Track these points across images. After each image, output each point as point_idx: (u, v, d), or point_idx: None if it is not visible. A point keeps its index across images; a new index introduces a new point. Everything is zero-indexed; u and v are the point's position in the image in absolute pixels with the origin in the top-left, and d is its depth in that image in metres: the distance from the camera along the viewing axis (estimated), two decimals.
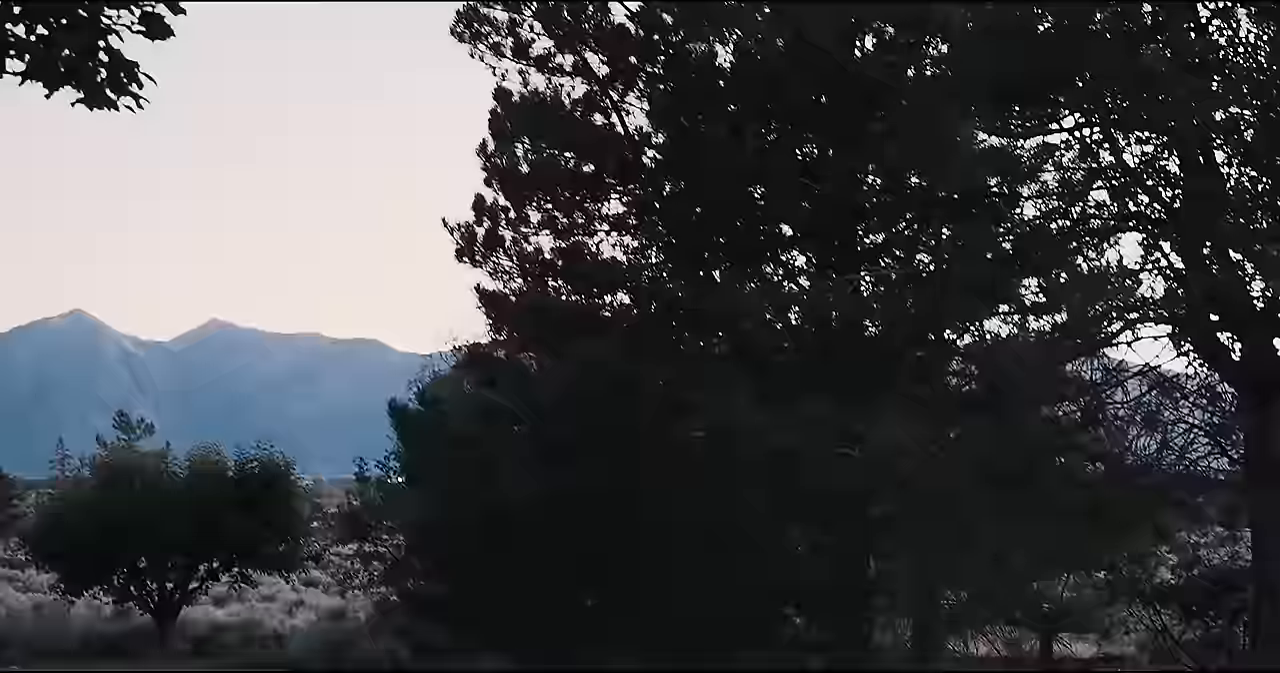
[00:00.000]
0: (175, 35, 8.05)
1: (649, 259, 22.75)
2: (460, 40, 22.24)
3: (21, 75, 7.87)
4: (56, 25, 7.93)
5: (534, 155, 22.62)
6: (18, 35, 7.95)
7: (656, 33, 21.79)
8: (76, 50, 7.85)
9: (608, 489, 20.57)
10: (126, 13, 7.96)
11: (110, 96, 7.90)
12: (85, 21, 7.90)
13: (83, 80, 7.83)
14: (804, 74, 20.37)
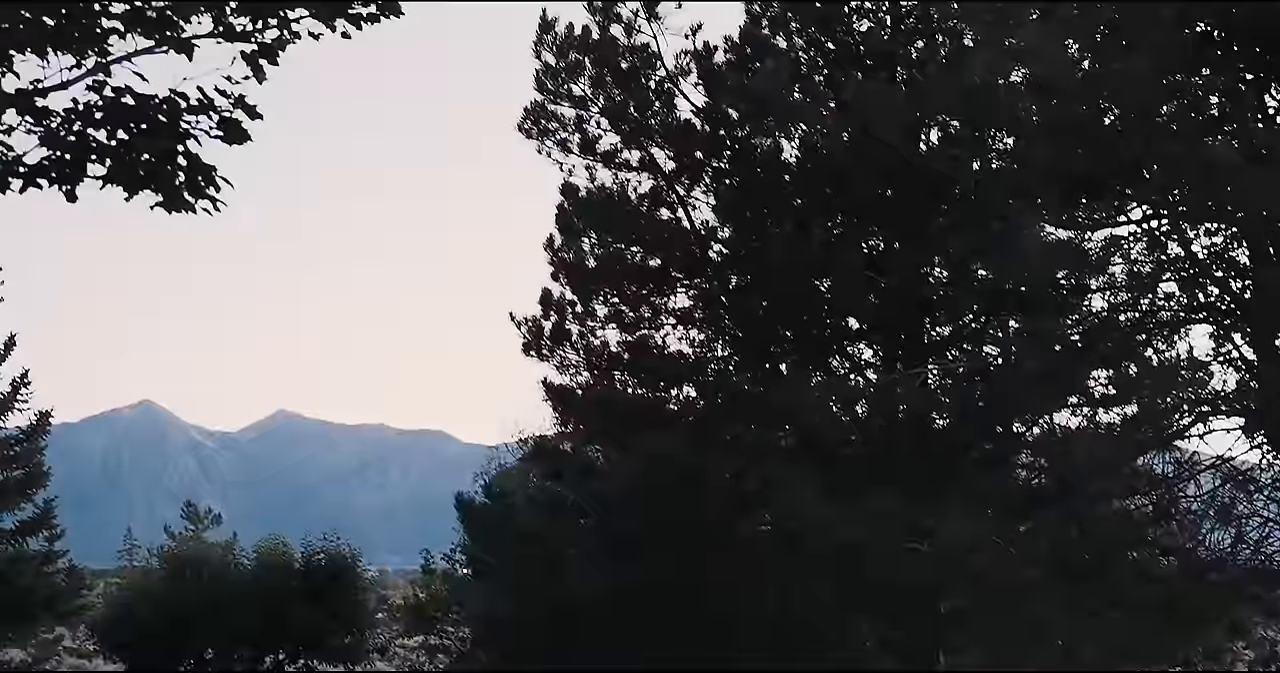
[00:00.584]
0: (252, 140, 8.23)
1: (715, 352, 22.77)
2: (528, 136, 22.52)
3: (103, 179, 8.06)
4: (136, 130, 8.11)
5: (601, 249, 22.75)
6: (99, 140, 8.14)
7: (722, 128, 21.97)
8: (156, 155, 8.03)
9: (674, 584, 20.46)
10: (205, 118, 8.16)
11: (188, 199, 8.07)
12: (165, 126, 8.08)
13: (161, 184, 8.01)
14: (869, 168, 20.44)
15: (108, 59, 8.40)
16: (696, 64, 21.89)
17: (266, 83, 8.48)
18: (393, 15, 9.15)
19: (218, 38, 8.66)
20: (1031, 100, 18.11)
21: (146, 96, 8.28)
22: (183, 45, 8.31)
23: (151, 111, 8.16)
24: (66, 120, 8.23)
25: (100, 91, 8.35)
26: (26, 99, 8.15)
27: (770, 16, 21.85)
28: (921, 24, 21.45)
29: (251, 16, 8.79)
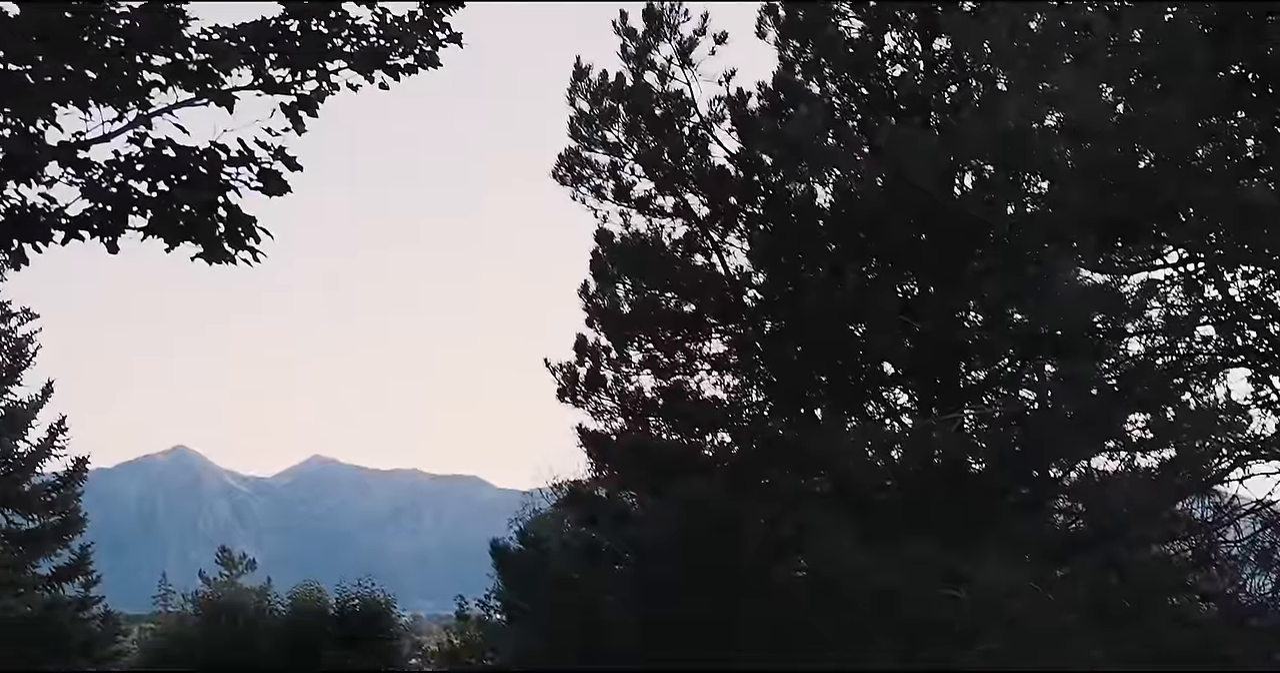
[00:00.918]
0: (292, 191, 8.29)
1: (750, 398, 22.76)
2: (562, 183, 22.63)
3: (144, 231, 8.12)
4: (177, 182, 8.18)
5: (635, 295, 22.79)
6: (140, 191, 8.20)
7: (756, 174, 22.02)
8: (196, 206, 8.09)
9: (709, 630, 20.38)
10: (245, 169, 8.22)
11: (228, 250, 8.12)
12: (205, 178, 8.14)
13: (202, 235, 8.06)
14: (903, 212, 20.45)
15: (149, 111, 8.49)
16: (730, 110, 21.98)
17: (305, 133, 8.55)
18: (431, 67, 9.22)
19: (257, 90, 8.74)
20: (1066, 144, 18.09)
21: (187, 148, 8.36)
22: (223, 97, 8.39)
23: (192, 163, 8.22)
24: (108, 172, 8.30)
25: (141, 144, 8.43)
26: (69, 151, 8.23)
27: (803, 62, 21.90)
28: (954, 68, 21.48)
29: (291, 69, 8.87)
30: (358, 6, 8.99)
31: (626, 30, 22.21)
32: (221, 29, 8.68)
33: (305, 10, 8.79)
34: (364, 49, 9.03)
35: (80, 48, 8.05)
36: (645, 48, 22.09)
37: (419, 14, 9.41)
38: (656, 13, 22.04)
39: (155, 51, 8.46)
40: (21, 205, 8.00)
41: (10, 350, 35.34)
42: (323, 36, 8.88)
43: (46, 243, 8.00)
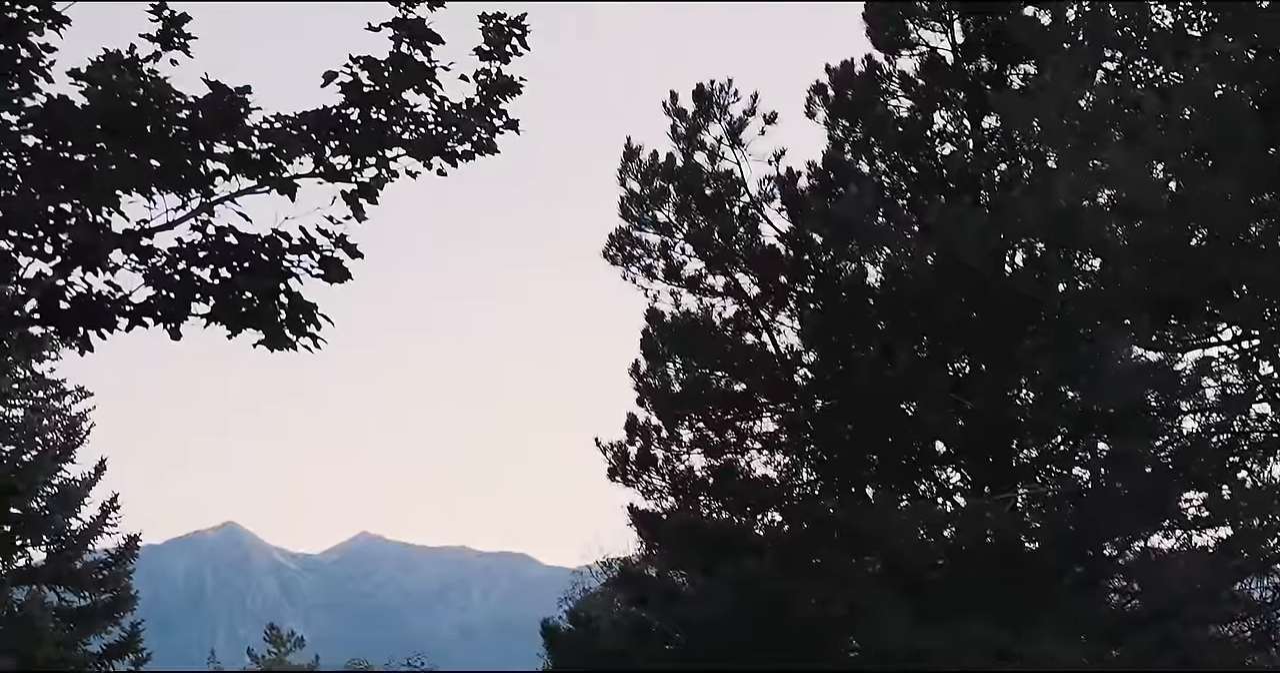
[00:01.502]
0: (353, 278, 8.38)
1: (801, 477, 22.68)
2: (613, 263, 22.73)
3: (206, 317, 8.22)
4: (240, 269, 8.28)
5: (686, 375, 22.79)
6: (203, 278, 8.31)
7: (806, 253, 22.07)
8: (258, 293, 8.18)
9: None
10: (307, 257, 8.32)
11: (290, 337, 8.21)
12: (267, 265, 8.25)
13: (264, 322, 8.15)
14: (954, 291, 20.46)
15: (212, 199, 8.62)
16: (780, 189, 22.07)
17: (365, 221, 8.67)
18: (489, 154, 9.34)
19: (318, 178, 8.87)
20: (1118, 222, 18.10)
21: (249, 236, 8.47)
22: (285, 186, 8.51)
23: (254, 251, 8.34)
24: (171, 259, 8.42)
25: (204, 231, 8.57)
26: (133, 239, 8.35)
27: (853, 141, 22.03)
28: (1004, 146, 21.55)
29: (350, 156, 8.99)
30: (416, 95, 9.13)
31: (676, 111, 22.39)
32: (283, 118, 8.82)
33: (365, 99, 8.93)
34: (422, 136, 9.15)
35: (145, 137, 8.19)
36: (695, 128, 22.25)
37: (476, 102, 9.54)
38: (706, 93, 22.22)
39: (218, 140, 8.59)
40: (88, 293, 8.12)
41: (64, 429, 35.61)
42: (382, 124, 9.01)
43: (112, 330, 8.11)
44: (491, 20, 9.68)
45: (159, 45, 9.45)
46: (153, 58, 9.43)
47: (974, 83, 21.69)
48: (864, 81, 22.05)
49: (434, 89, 9.16)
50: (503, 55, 9.68)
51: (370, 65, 8.92)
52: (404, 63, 8.99)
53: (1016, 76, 21.70)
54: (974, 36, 21.83)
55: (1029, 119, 19.59)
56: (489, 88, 9.59)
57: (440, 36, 9.16)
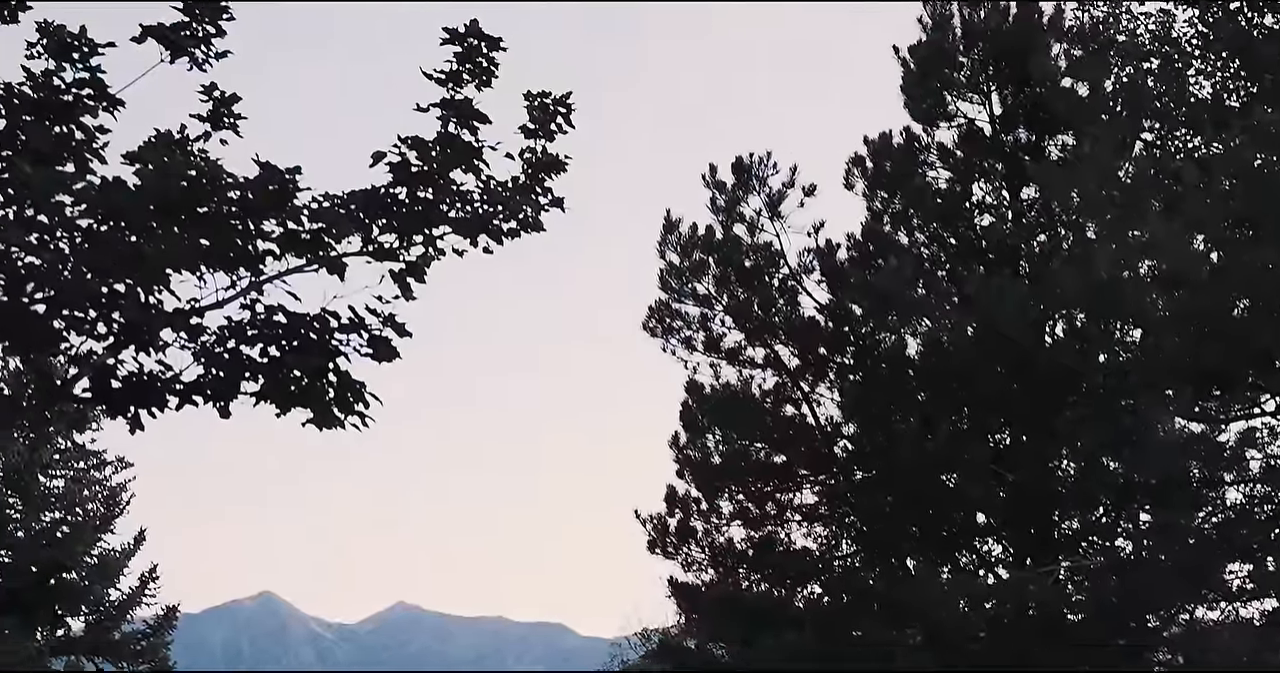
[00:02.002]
0: (401, 357, 8.44)
1: (841, 549, 22.60)
2: (652, 335, 22.79)
3: (256, 396, 8.27)
4: (289, 348, 8.35)
5: (726, 447, 22.77)
6: (252, 357, 8.37)
7: (846, 324, 22.10)
8: (307, 372, 8.24)
9: None
10: (356, 336, 8.39)
11: (338, 416, 8.25)
12: (316, 344, 8.31)
13: (312, 401, 8.20)
14: (994, 362, 20.44)
15: (261, 278, 8.69)
16: (819, 261, 22.14)
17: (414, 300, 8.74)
18: (535, 231, 9.41)
19: (366, 256, 8.94)
20: (1159, 293, 18.08)
21: (299, 315, 8.53)
22: (335, 266, 8.58)
23: (303, 330, 8.39)
24: (221, 338, 8.48)
25: (253, 309, 8.62)
26: (183, 318, 8.42)
27: (892, 213, 22.12)
28: (1043, 217, 21.59)
29: (398, 235, 9.08)
30: (463, 174, 9.21)
31: (715, 183, 22.52)
32: (332, 197, 8.91)
33: (413, 178, 9.02)
34: (468, 215, 9.23)
35: (197, 217, 8.30)
36: (734, 200, 22.37)
37: (521, 179, 9.62)
38: (745, 165, 22.35)
39: (268, 219, 8.68)
40: (139, 372, 8.20)
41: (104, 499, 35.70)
42: (429, 203, 9.08)
43: (162, 408, 8.17)
44: (537, 99, 9.75)
45: (209, 125, 9.57)
46: (203, 137, 9.55)
47: (1012, 154, 21.78)
48: (902, 153, 22.17)
49: (480, 168, 9.24)
50: (548, 133, 9.75)
51: (418, 145, 9.01)
52: (451, 143, 9.07)
53: (1055, 147, 21.79)
54: (1012, 108, 21.94)
55: (1068, 190, 19.64)
56: (534, 166, 9.66)
57: (487, 116, 9.25)
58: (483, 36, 9.21)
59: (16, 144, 8.40)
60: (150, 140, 9.34)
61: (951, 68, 22.00)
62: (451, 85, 9.19)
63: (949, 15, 22.18)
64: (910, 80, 22.18)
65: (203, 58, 9.16)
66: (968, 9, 22.17)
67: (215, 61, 9.20)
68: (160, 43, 8.95)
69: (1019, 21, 21.98)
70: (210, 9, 9.02)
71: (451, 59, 9.24)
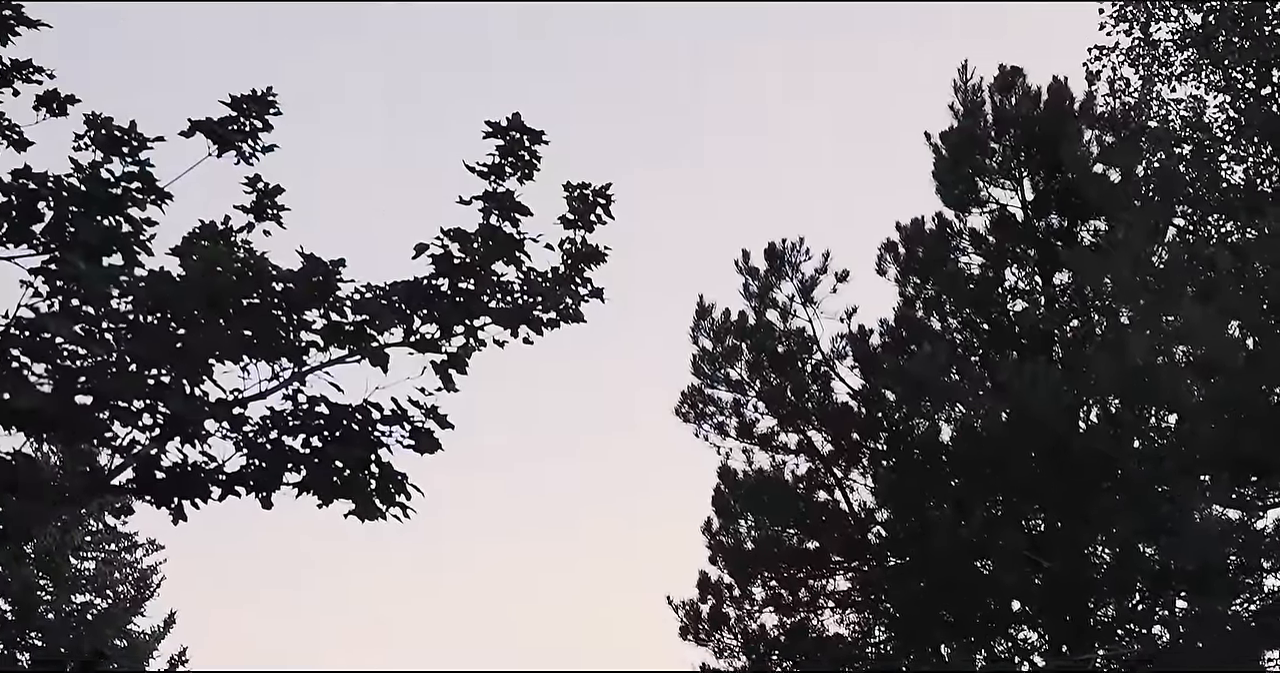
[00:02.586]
0: (443, 449, 8.44)
1: (875, 636, 22.41)
2: (685, 420, 22.76)
3: (298, 487, 8.29)
4: (331, 438, 8.37)
5: (758, 532, 22.65)
6: (294, 448, 8.39)
7: (879, 410, 22.08)
8: (349, 463, 8.26)
9: None
10: (398, 428, 8.41)
11: (379, 507, 8.26)
12: (358, 435, 8.33)
13: (355, 492, 8.20)
14: (1028, 448, 20.39)
15: (304, 369, 8.73)
16: (852, 347, 22.17)
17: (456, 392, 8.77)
18: (574, 322, 9.44)
19: (408, 348, 8.98)
20: (1194, 379, 18.03)
21: (341, 406, 8.56)
22: (377, 357, 8.61)
23: (345, 421, 8.42)
24: (263, 429, 8.51)
25: (295, 400, 8.66)
26: (225, 408, 8.46)
27: (924, 298, 22.16)
28: (1076, 303, 21.58)
29: (439, 326, 9.11)
30: (504, 265, 9.26)
31: (748, 269, 22.61)
32: (374, 288, 8.95)
33: (455, 270, 9.07)
34: (509, 306, 9.26)
35: (242, 309, 8.35)
36: (767, 286, 22.45)
37: (561, 270, 9.65)
38: (778, 252, 22.44)
39: (311, 309, 8.73)
40: (183, 463, 8.22)
41: (135, 582, 35.64)
42: (470, 294, 9.13)
43: (206, 499, 8.19)
44: (576, 190, 9.79)
45: (252, 216, 9.64)
46: (246, 228, 9.64)
47: (1045, 239, 21.81)
48: (935, 239, 22.23)
49: (522, 260, 9.29)
50: (587, 224, 9.78)
51: (460, 237, 9.06)
52: (493, 235, 9.12)
53: (1087, 233, 21.82)
54: (1044, 193, 22.02)
55: (1101, 275, 19.64)
56: (574, 256, 9.69)
57: (529, 209, 9.30)
58: (524, 130, 9.29)
59: (65, 236, 8.48)
60: (195, 231, 9.42)
61: (983, 154, 22.09)
62: (494, 178, 9.27)
63: (980, 102, 22.32)
64: (942, 166, 22.27)
65: (249, 152, 9.26)
66: (999, 96, 22.31)
67: (261, 156, 9.31)
68: (208, 137, 9.05)
69: (1050, 108, 22.09)
70: (258, 104, 9.13)
71: (494, 152, 9.33)
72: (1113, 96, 20.89)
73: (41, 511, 8.85)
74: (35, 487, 8.25)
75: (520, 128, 9.28)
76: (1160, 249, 19.59)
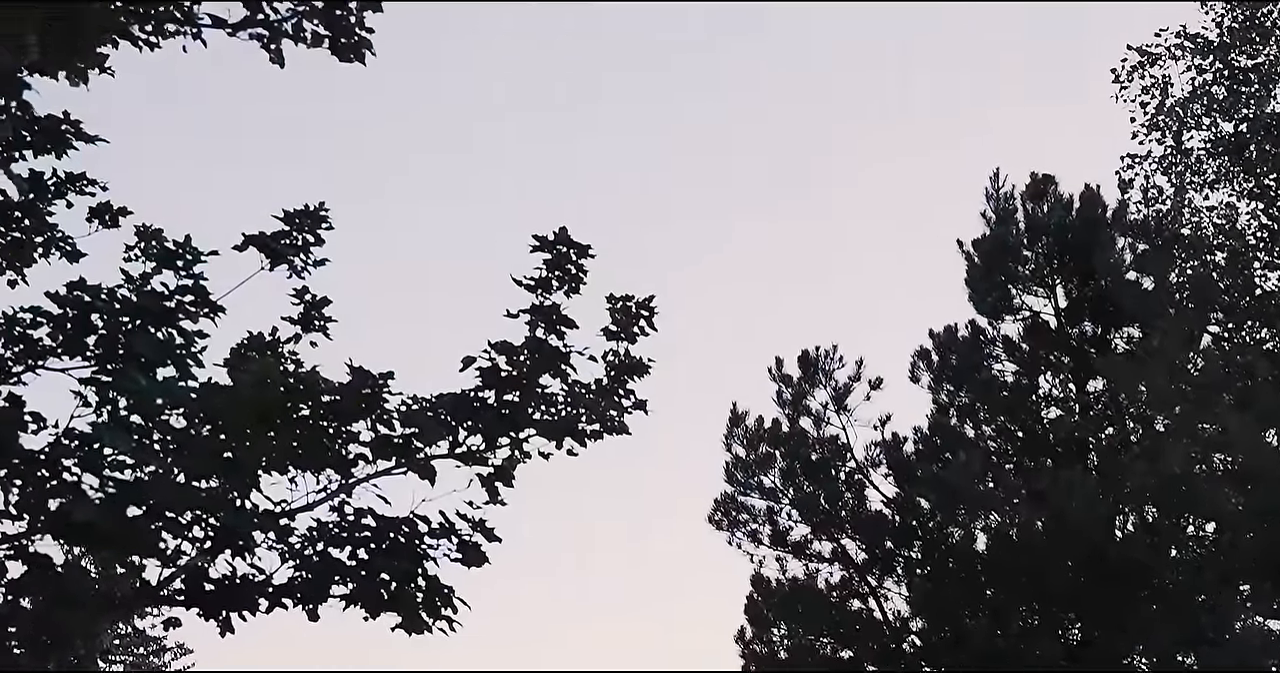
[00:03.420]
0: (490, 563, 8.45)
1: None
2: (718, 528, 22.66)
3: (345, 599, 8.28)
4: (378, 550, 8.37)
5: (792, 641, 22.46)
6: (341, 560, 8.40)
7: (913, 518, 21.96)
8: (396, 576, 8.25)
9: None
10: (445, 541, 8.42)
11: (426, 621, 8.23)
12: (404, 548, 8.34)
13: (402, 605, 8.19)
14: (1064, 556, 20.23)
15: (351, 481, 8.76)
16: (886, 454, 22.11)
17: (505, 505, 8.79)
18: (619, 434, 9.47)
19: (455, 460, 9.01)
20: (1233, 487, 17.95)
21: (388, 518, 8.57)
22: (425, 470, 8.64)
23: (392, 533, 8.43)
24: (310, 540, 8.52)
25: (342, 512, 8.67)
26: (273, 519, 8.47)
27: (958, 406, 22.12)
28: (1111, 411, 21.53)
29: (484, 438, 9.15)
30: (550, 378, 9.30)
31: (782, 377, 22.66)
32: (420, 400, 8.99)
33: (502, 383, 9.12)
34: (554, 418, 9.29)
35: (291, 421, 8.40)
36: (801, 394, 22.48)
37: (605, 382, 9.68)
38: (811, 359, 22.51)
39: (358, 421, 8.78)
40: (231, 575, 8.23)
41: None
42: (516, 406, 9.17)
43: (254, 612, 8.18)
44: (619, 302, 9.84)
45: (300, 327, 9.77)
46: (293, 340, 9.75)
47: (1078, 347, 21.81)
48: (968, 346, 22.25)
49: (567, 372, 9.34)
50: (630, 336, 9.82)
51: (507, 350, 9.12)
52: (539, 348, 9.17)
53: (1121, 340, 21.81)
54: (1077, 301, 22.06)
55: (1136, 383, 19.64)
56: (617, 368, 9.72)
57: (575, 322, 9.36)
58: (571, 244, 9.38)
59: (118, 348, 8.57)
60: (243, 342, 9.53)
61: (1016, 261, 22.18)
62: (540, 291, 9.34)
63: (1012, 209, 22.45)
64: (975, 274, 22.36)
65: (301, 266, 9.39)
66: (1031, 203, 22.44)
67: (313, 270, 9.44)
68: (261, 251, 9.19)
69: (1083, 216, 22.20)
70: (310, 219, 9.27)
71: (541, 266, 9.41)
72: (1145, 204, 21.03)
73: (89, 622, 8.85)
74: (83, 598, 8.25)
75: (567, 242, 9.37)
76: (1195, 357, 19.60)
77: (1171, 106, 20.58)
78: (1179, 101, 20.55)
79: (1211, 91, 20.29)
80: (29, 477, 8.26)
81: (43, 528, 8.28)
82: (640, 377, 9.81)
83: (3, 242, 9.66)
